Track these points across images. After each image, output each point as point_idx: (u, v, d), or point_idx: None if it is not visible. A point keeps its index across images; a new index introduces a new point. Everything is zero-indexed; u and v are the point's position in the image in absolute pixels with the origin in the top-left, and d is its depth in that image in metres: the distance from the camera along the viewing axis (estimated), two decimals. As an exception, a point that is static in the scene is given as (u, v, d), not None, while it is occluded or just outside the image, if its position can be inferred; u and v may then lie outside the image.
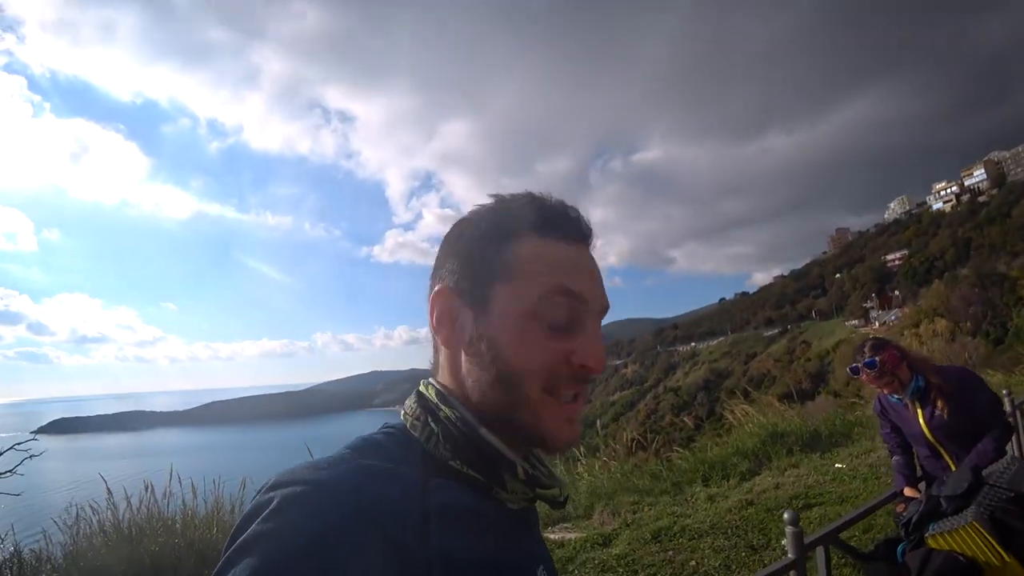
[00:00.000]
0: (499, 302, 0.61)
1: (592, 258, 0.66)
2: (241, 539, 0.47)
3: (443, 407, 0.61)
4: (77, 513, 4.85)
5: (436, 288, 0.65)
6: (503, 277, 0.61)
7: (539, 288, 0.60)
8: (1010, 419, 2.92)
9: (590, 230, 0.66)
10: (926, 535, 1.82)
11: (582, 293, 0.61)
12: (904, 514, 1.99)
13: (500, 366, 0.59)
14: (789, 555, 1.92)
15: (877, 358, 2.59)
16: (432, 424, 0.60)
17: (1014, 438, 3.36)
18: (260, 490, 0.51)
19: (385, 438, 0.60)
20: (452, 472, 0.58)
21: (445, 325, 0.64)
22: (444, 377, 0.65)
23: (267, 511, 0.48)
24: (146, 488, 5.36)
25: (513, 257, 0.61)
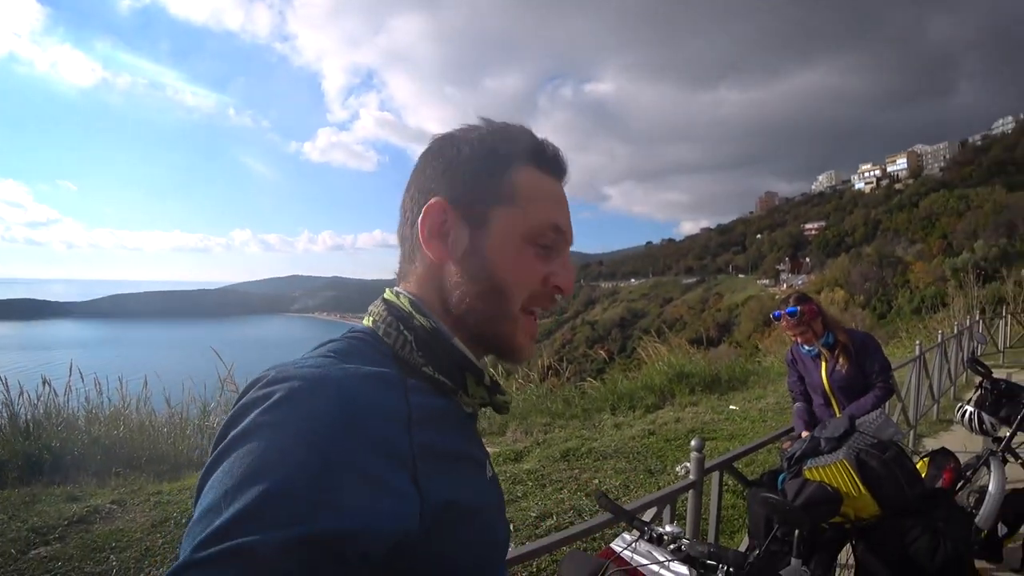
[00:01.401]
0: (499, 223, 0.65)
1: (565, 194, 0.73)
2: (241, 426, 0.48)
3: (417, 316, 0.64)
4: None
5: (432, 200, 0.65)
6: (504, 200, 0.65)
7: (536, 216, 0.66)
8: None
9: (568, 168, 0.74)
10: (804, 468, 2.06)
11: (564, 228, 0.69)
12: (789, 450, 2.23)
13: (492, 282, 0.65)
14: (691, 476, 2.15)
15: (797, 307, 2.90)
16: (405, 332, 0.63)
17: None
18: (253, 385, 0.52)
19: (360, 343, 0.62)
20: (424, 376, 0.62)
21: (437, 237, 0.66)
22: (417, 287, 0.68)
23: (267, 403, 0.49)
24: (44, 383, 5.10)
25: (515, 183, 0.66)
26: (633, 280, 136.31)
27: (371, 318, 0.67)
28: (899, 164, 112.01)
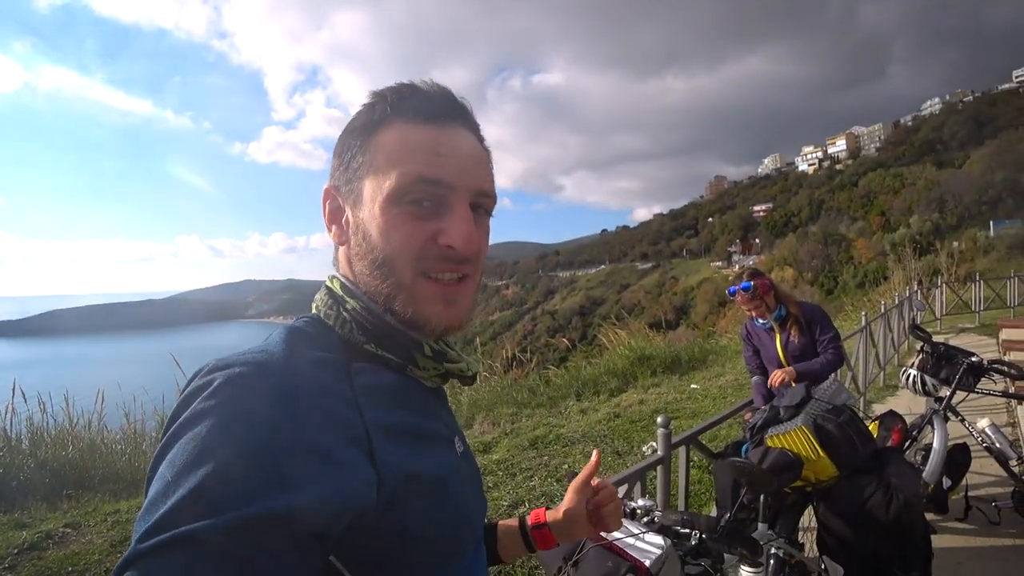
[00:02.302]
0: (367, 194, 0.62)
1: (465, 140, 0.65)
2: (184, 415, 0.47)
3: (348, 299, 0.64)
4: None
5: (325, 187, 0.68)
6: (369, 169, 0.62)
7: (399, 173, 0.60)
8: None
9: (459, 108, 0.65)
10: (766, 437, 2.13)
11: (442, 178, 0.61)
12: (750, 421, 2.31)
13: (375, 255, 0.62)
14: (659, 452, 2.19)
15: (751, 283, 3.04)
16: (344, 313, 0.63)
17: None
18: (196, 375, 0.52)
19: (306, 326, 0.63)
20: (369, 355, 0.62)
21: (334, 222, 0.67)
22: (345, 271, 0.68)
23: (208, 390, 0.48)
24: (-19, 407, 4.78)
25: (376, 148, 0.62)
26: (591, 268, 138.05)
27: (315, 305, 0.67)
28: (839, 145, 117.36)
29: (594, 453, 0.90)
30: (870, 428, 2.89)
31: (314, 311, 0.67)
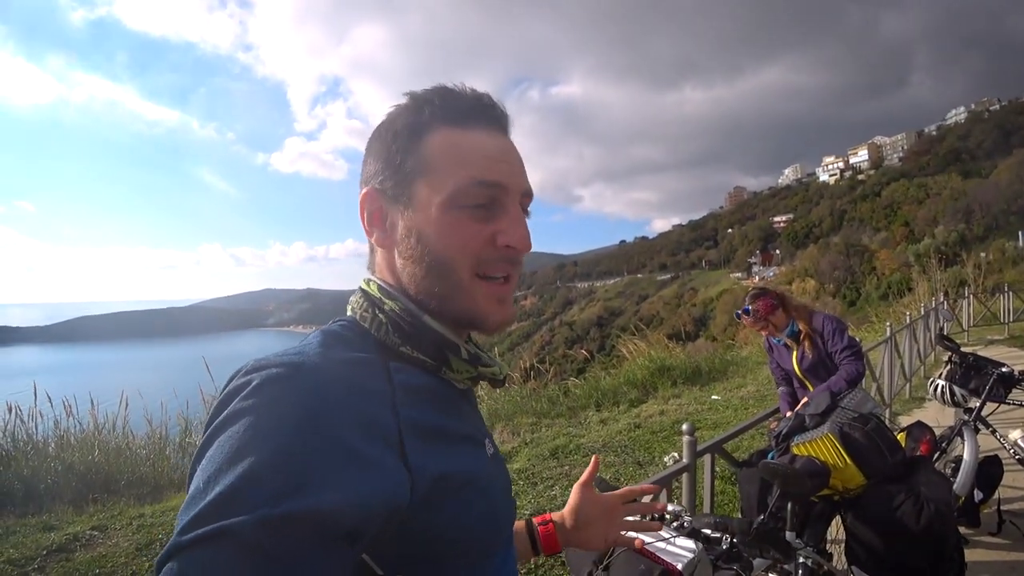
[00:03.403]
0: (421, 197, 0.63)
1: (508, 143, 0.68)
2: (224, 414, 0.49)
3: (387, 300, 0.64)
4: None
5: (364, 191, 0.67)
6: (422, 172, 0.63)
7: (456, 179, 0.62)
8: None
9: (504, 115, 0.68)
10: (791, 444, 2.12)
11: (498, 180, 0.64)
12: (776, 428, 2.29)
13: (431, 257, 0.63)
14: (684, 460, 2.19)
15: (751, 306, 3.06)
16: (380, 315, 0.64)
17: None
18: (234, 376, 0.53)
19: (342, 329, 0.64)
20: (404, 357, 0.63)
21: (377, 226, 0.67)
22: (383, 274, 0.69)
23: (247, 390, 0.49)
24: (10, 410, 4.92)
25: (428, 151, 0.63)
26: (609, 280, 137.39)
27: (350, 307, 0.68)
28: (860, 156, 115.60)
29: (593, 458, 0.93)
30: (898, 439, 2.85)
31: (349, 313, 0.67)
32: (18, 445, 4.72)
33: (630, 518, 0.98)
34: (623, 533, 0.94)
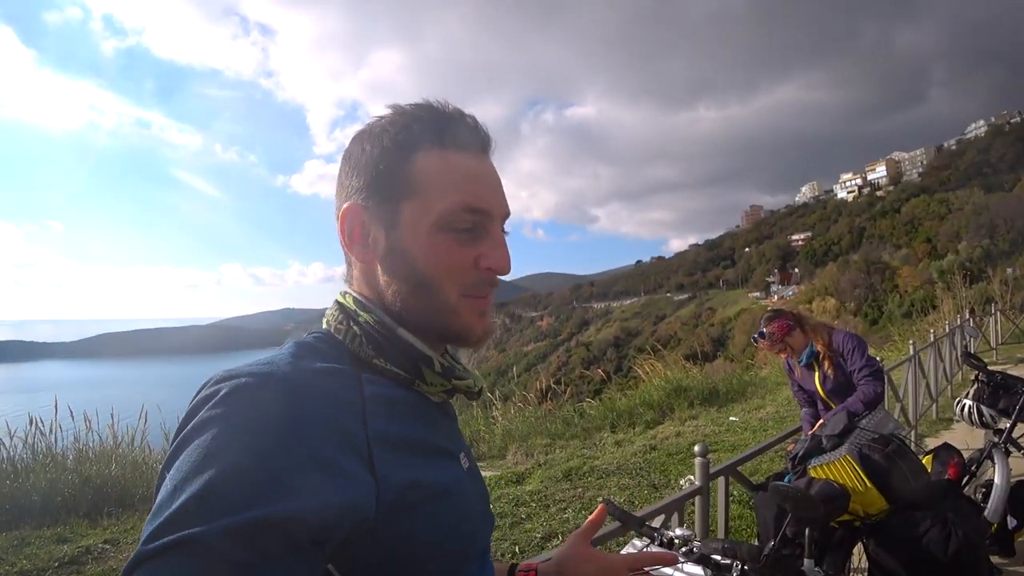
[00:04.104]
0: (408, 217, 0.64)
1: (491, 167, 0.69)
2: (192, 423, 0.49)
3: (362, 312, 0.65)
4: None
5: (345, 205, 0.66)
6: (409, 193, 0.63)
7: (445, 203, 0.63)
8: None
9: (489, 139, 0.69)
10: (809, 467, 2.05)
11: (484, 208, 0.65)
12: (792, 450, 2.22)
13: (418, 278, 0.64)
14: (696, 483, 2.12)
15: (766, 329, 3.02)
16: (354, 327, 0.64)
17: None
18: (204, 385, 0.53)
19: (316, 340, 0.64)
20: (377, 369, 0.63)
21: (358, 241, 0.67)
22: (361, 287, 0.69)
23: (215, 399, 0.49)
24: (31, 423, 4.99)
25: (417, 172, 0.64)
26: (625, 300, 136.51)
27: (325, 320, 0.68)
28: (879, 172, 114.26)
29: (598, 507, 0.89)
30: (923, 462, 2.73)
31: (324, 326, 0.68)
32: (37, 458, 4.79)
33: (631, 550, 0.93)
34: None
